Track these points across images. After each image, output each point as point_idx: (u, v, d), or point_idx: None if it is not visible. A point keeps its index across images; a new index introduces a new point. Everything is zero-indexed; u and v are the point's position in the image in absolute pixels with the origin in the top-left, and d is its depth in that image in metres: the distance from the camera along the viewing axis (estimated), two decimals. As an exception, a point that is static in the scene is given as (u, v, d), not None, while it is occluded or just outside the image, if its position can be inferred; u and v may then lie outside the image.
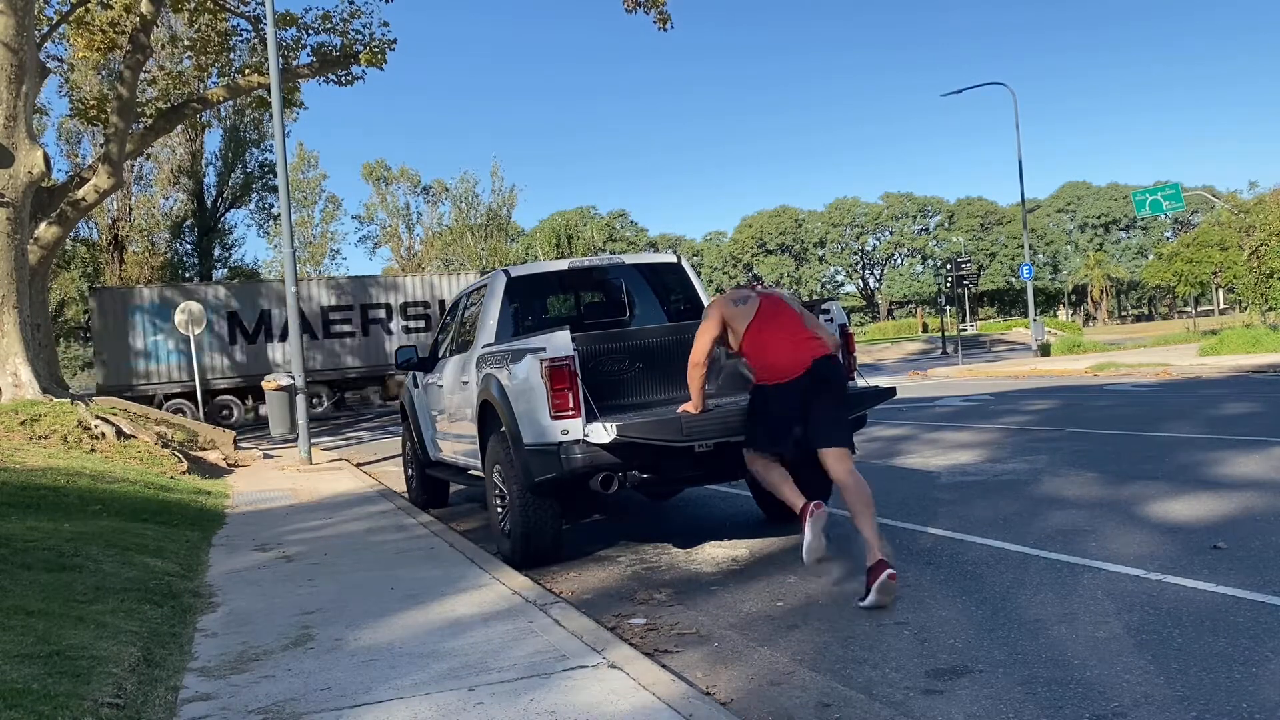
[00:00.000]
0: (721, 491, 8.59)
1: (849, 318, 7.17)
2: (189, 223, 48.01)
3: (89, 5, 19.39)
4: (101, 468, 10.83)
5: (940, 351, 42.66)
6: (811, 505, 5.04)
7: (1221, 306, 62.97)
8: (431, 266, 58.77)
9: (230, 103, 32.87)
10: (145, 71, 22.33)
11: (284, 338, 27.18)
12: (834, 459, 5.06)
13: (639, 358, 6.79)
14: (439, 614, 4.94)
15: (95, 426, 12.93)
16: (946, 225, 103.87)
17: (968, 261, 36.02)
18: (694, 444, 5.73)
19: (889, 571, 4.70)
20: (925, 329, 71.34)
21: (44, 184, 16.33)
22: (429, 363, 9.00)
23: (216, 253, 49.61)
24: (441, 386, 8.36)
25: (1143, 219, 65.77)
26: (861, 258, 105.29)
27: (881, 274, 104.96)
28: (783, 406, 5.17)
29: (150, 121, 22.24)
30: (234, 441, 17.00)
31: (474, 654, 4.18)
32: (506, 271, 7.73)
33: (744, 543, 6.64)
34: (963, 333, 45.80)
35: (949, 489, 7.95)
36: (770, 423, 5.26)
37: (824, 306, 6.38)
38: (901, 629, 4.44)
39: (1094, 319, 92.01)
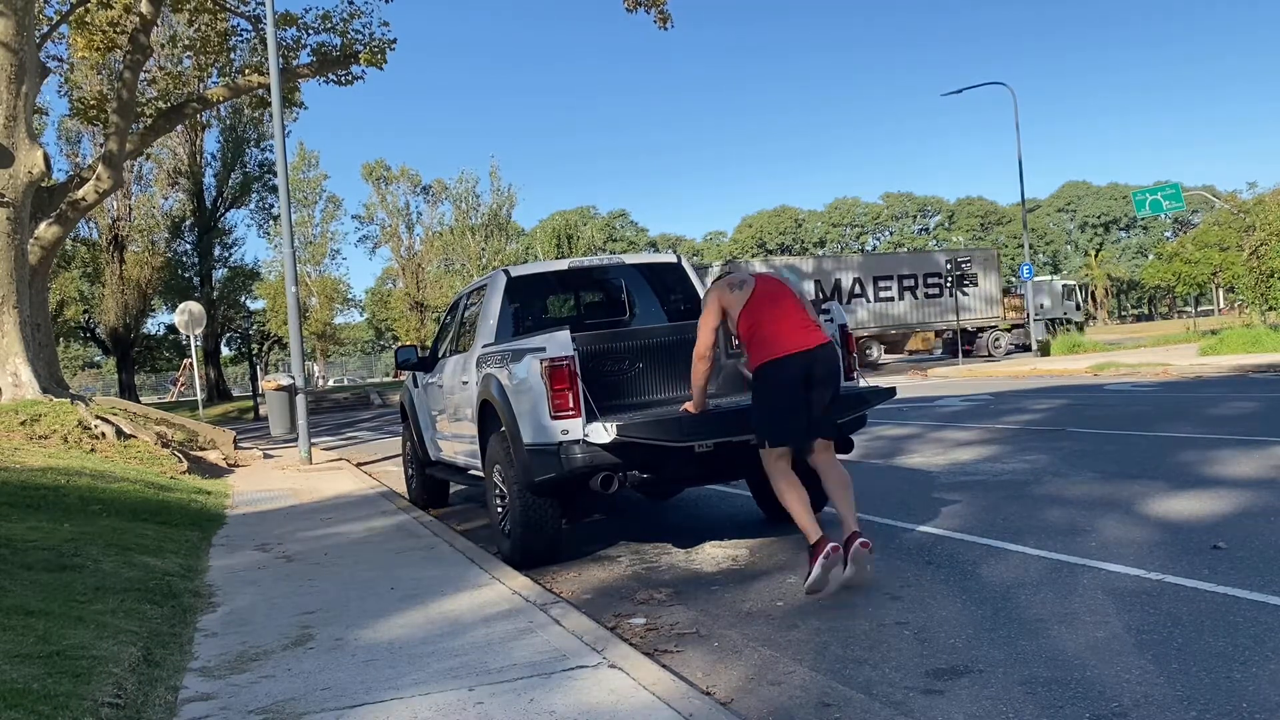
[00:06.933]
0: (721, 491, 8.59)
1: None
2: (189, 222, 48.05)
3: (89, 5, 19.34)
4: (101, 468, 10.84)
5: (940, 351, 42.67)
6: (829, 546, 4.88)
7: (1221, 306, 62.96)
8: (432, 267, 58.74)
9: (230, 103, 32.84)
10: (145, 71, 22.30)
11: (848, 301, 35.79)
12: (818, 447, 5.27)
13: (639, 358, 6.79)
14: (439, 614, 4.93)
15: (95, 426, 12.94)
16: (946, 225, 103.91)
17: (968, 261, 36.01)
18: (694, 444, 5.73)
19: (861, 539, 4.94)
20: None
21: (44, 184, 16.31)
22: (429, 363, 8.99)
23: (217, 252, 49.67)
24: (441, 386, 8.36)
25: (1143, 219, 65.74)
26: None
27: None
28: (786, 382, 5.09)
29: (150, 121, 22.20)
30: (234, 441, 17.00)
31: (474, 654, 4.18)
32: (506, 271, 7.73)
33: (744, 543, 6.64)
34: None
35: (949, 488, 7.94)
36: (777, 405, 5.15)
37: (824, 306, 6.38)
38: (901, 629, 4.44)
39: (1094, 319, 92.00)
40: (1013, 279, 54.09)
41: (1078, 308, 43.13)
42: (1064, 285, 43.78)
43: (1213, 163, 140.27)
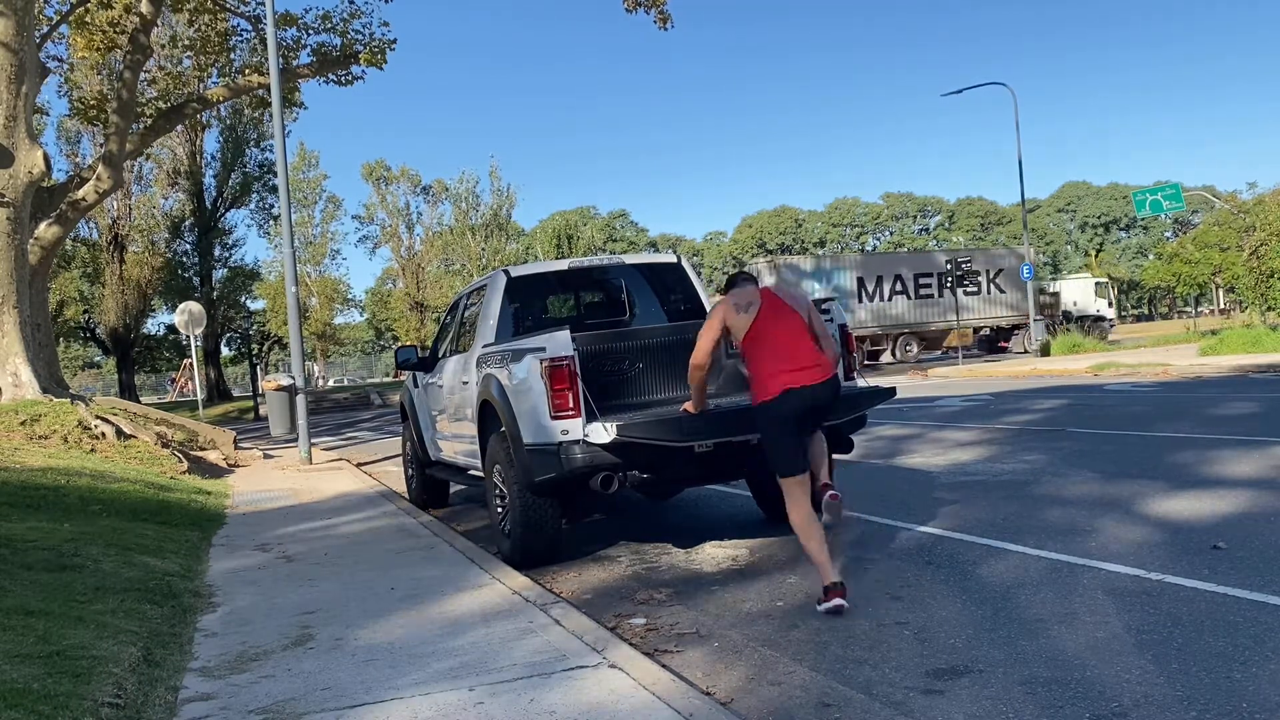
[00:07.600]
0: (721, 491, 8.59)
1: None
2: (189, 222, 48.03)
3: (89, 5, 19.34)
4: (101, 468, 10.83)
5: (940, 351, 42.75)
6: (834, 603, 4.76)
7: (1221, 306, 63.01)
8: (432, 267, 58.75)
9: (229, 103, 32.83)
10: (145, 71, 22.30)
11: (889, 298, 36.89)
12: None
13: (639, 358, 6.79)
14: (439, 614, 4.93)
15: (95, 426, 12.93)
16: (946, 225, 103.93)
17: (968, 261, 36.10)
18: (694, 444, 5.73)
19: (831, 492, 5.05)
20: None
21: (44, 184, 16.31)
22: (429, 363, 8.99)
23: (217, 252, 49.63)
24: (441, 386, 8.36)
25: (1143, 219, 65.77)
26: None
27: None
28: (785, 416, 4.94)
29: (150, 121, 22.19)
30: (234, 441, 17.00)
31: (474, 654, 4.18)
32: (506, 271, 7.73)
33: (744, 543, 6.64)
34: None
35: (949, 489, 7.94)
36: (783, 441, 4.99)
37: (824, 306, 6.37)
38: (901, 629, 4.44)
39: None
40: (1048, 278, 55.15)
41: (1110, 305, 44.14)
42: (1096, 283, 45.24)
43: (1213, 163, 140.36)
